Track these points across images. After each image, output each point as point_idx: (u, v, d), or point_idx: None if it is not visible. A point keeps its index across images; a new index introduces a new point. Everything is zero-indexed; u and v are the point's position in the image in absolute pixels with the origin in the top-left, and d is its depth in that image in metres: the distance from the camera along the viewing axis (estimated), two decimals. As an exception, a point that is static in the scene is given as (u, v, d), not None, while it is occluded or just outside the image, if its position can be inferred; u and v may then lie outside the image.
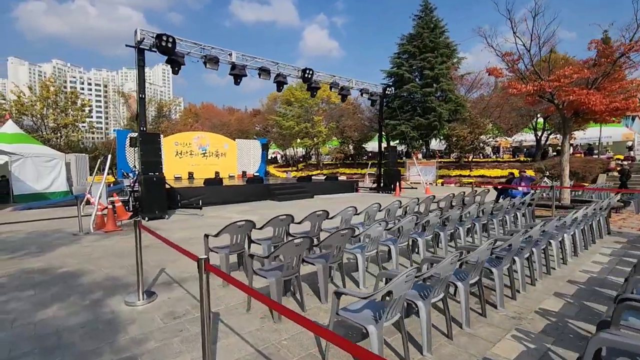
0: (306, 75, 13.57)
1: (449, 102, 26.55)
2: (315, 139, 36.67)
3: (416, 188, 17.47)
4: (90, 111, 25.02)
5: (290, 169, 41.09)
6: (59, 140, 20.05)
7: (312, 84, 14.05)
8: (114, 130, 21.84)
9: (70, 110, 20.57)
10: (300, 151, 46.49)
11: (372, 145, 41.08)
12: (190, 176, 21.17)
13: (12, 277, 4.70)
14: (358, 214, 6.34)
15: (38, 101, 18.81)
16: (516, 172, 23.55)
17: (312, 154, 44.87)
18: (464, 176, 25.97)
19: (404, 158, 29.13)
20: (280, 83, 13.24)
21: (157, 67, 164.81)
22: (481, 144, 26.54)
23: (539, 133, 25.89)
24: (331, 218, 5.56)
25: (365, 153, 38.69)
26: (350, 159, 39.00)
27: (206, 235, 4.43)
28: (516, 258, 3.88)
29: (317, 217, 5.23)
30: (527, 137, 28.53)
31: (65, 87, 21.14)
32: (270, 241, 4.84)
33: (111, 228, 8.06)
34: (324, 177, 19.12)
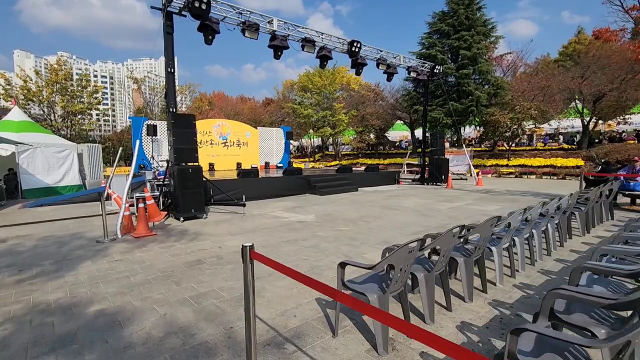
0: (353, 49, 11.65)
1: (486, 85, 24.37)
2: (335, 128, 34.70)
3: (466, 179, 15.62)
4: (101, 96, 23.32)
5: (307, 159, 39.31)
6: (69, 129, 18.41)
7: (359, 59, 12.14)
8: (129, 118, 20.16)
9: (82, 95, 18.81)
10: (316, 141, 44.61)
11: (392, 134, 39.05)
12: (211, 168, 19.48)
13: (19, 323, 3.01)
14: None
15: (46, 86, 17.10)
16: (577, 160, 21.50)
17: (329, 144, 42.94)
18: (502, 166, 24.01)
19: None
20: (324, 58, 11.36)
21: (162, 59, 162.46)
22: (521, 131, 24.38)
23: (586, 118, 23.66)
24: (496, 226, 3.75)
25: (387, 142, 36.64)
26: (371, 148, 37.00)
27: (342, 265, 2.63)
28: None
29: (491, 226, 3.43)
30: (564, 124, 26.26)
31: (71, 77, 19.37)
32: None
33: (143, 232, 6.37)
34: (363, 168, 17.28)
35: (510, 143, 24.96)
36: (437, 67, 14.95)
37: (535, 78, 23.79)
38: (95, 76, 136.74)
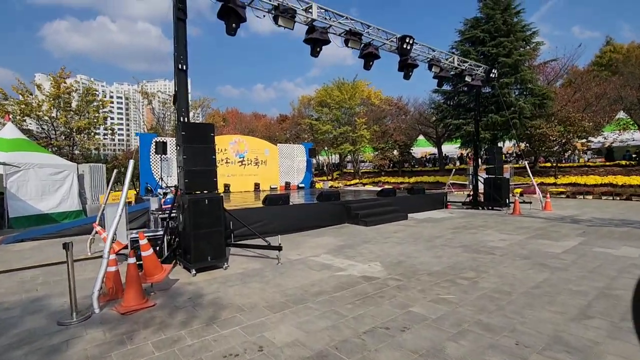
0: (404, 46, 9.49)
1: (529, 95, 21.96)
2: (355, 144, 32.51)
3: (530, 202, 13.02)
4: (110, 112, 21.69)
5: (325, 178, 37.06)
6: (72, 148, 16.62)
7: (409, 59, 9.95)
8: (137, 134, 18.36)
9: (86, 111, 17.12)
10: (334, 158, 42.46)
11: (414, 150, 36.55)
12: (227, 189, 17.37)
13: None
14: None
15: (46, 101, 15.37)
16: None
17: (348, 162, 40.69)
18: (548, 184, 21.25)
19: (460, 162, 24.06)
20: (369, 56, 9.20)
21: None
22: (572, 146, 21.69)
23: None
24: None
25: (412, 159, 34.17)
26: (393, 166, 34.55)
27: None
28: None
29: None
30: (624, 137, 23.37)
31: (76, 91, 17.61)
32: None
33: (133, 304, 4.06)
34: (406, 189, 14.86)
35: (559, 159, 22.26)
36: (493, 70, 12.67)
37: (589, 85, 21.26)
38: (112, 96, 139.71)
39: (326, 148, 37.45)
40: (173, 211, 6.18)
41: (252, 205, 9.47)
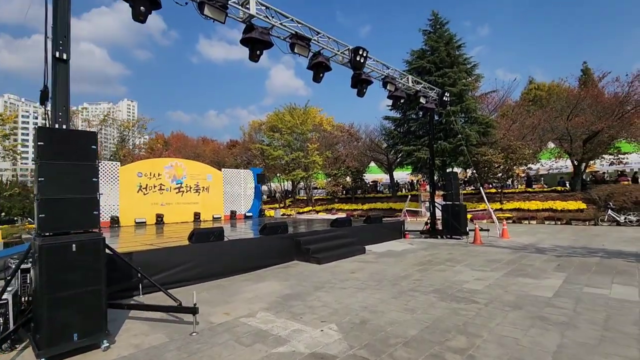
0: (358, 59, 8.54)
1: (474, 124, 22.71)
2: (308, 170, 31.36)
3: (488, 230, 12.49)
4: (13, 130, 18.08)
5: (276, 205, 35.13)
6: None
7: (363, 74, 9.02)
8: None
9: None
10: (286, 185, 40.83)
11: (366, 177, 36.33)
12: (159, 220, 14.89)
13: None
14: None
15: None
16: (577, 203, 19.54)
17: (301, 188, 39.31)
18: (495, 210, 21.62)
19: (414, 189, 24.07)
20: (319, 67, 8.06)
21: (122, 103, 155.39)
22: (514, 173, 22.58)
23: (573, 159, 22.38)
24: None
25: (365, 185, 33.72)
26: (346, 192, 33.82)
27: None
28: None
29: None
30: (558, 164, 24.96)
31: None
32: None
33: None
34: (362, 217, 13.63)
35: (503, 185, 23.01)
36: (445, 94, 12.37)
37: (525, 116, 22.59)
38: (44, 119, 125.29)
39: (278, 174, 35.92)
40: (28, 260, 4.11)
41: (176, 243, 7.47)
